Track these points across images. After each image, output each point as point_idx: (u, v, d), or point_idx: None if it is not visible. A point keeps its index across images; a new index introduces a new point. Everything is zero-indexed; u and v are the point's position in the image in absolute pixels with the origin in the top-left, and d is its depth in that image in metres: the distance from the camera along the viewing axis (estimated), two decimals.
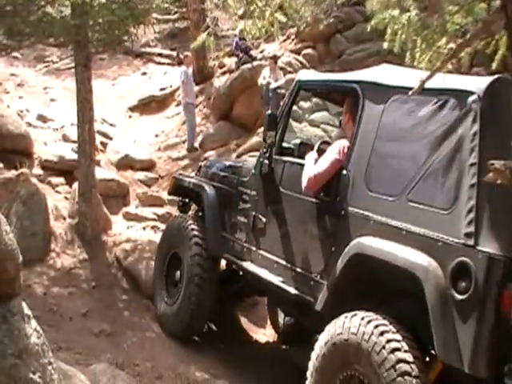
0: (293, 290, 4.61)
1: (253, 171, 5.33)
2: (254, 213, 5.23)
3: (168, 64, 17.62)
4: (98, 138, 10.16)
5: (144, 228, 8.46)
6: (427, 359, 3.67)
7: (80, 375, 4.17)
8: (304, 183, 4.54)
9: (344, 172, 4.34)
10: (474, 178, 3.50)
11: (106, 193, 8.87)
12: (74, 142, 10.64)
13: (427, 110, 3.94)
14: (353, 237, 4.10)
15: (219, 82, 14.36)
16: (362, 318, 3.72)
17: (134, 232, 7.97)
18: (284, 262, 4.81)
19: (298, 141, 5.36)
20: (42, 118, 12.32)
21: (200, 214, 6.27)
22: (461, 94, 3.79)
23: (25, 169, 8.08)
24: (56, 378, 3.39)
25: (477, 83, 3.81)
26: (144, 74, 17.06)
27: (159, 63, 17.83)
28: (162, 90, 15.30)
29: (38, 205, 7.06)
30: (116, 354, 5.35)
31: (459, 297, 3.43)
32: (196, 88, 13.44)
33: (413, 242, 3.72)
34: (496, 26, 6.79)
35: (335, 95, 5.36)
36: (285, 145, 5.24)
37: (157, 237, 7.85)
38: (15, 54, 17.02)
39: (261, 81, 12.28)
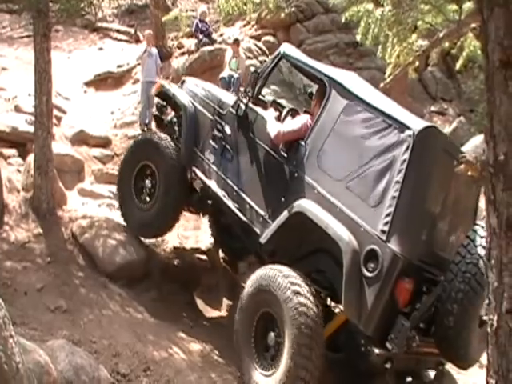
0: (244, 218, 5.70)
1: (230, 109, 6.10)
2: (224, 143, 6.11)
3: (125, 41, 17.33)
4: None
5: (99, 205, 8.33)
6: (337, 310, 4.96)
7: (39, 350, 4.10)
8: (273, 135, 5.46)
9: (302, 143, 5.31)
10: (396, 192, 4.59)
11: (61, 168, 8.62)
12: (26, 113, 10.36)
13: (376, 126, 4.89)
14: (299, 196, 5.14)
15: (178, 62, 14.23)
16: (280, 271, 4.89)
17: (89, 208, 7.83)
18: (242, 194, 5.79)
19: (271, 98, 6.51)
20: None
21: (175, 122, 6.93)
22: (403, 126, 4.75)
23: None
24: (17, 351, 3.34)
25: (415, 123, 4.78)
26: (100, 49, 16.72)
27: (116, 39, 17.51)
28: (119, 66, 15.02)
29: None
30: (72, 331, 5.27)
31: (367, 274, 4.58)
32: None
33: (343, 219, 4.80)
34: (467, 27, 6.99)
35: (308, 76, 6.14)
36: (261, 97, 6.14)
37: (113, 215, 7.78)
38: None
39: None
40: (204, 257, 7.83)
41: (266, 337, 5.04)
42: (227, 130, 6.11)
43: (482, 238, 4.58)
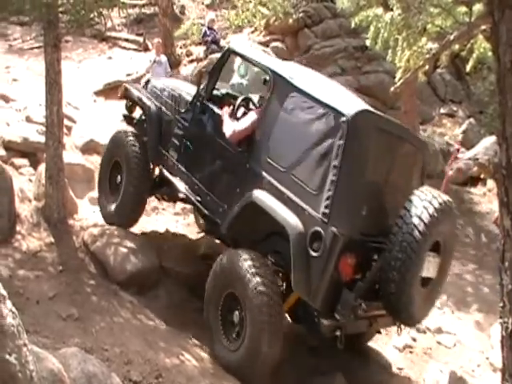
0: (205, 210, 6.14)
1: (188, 107, 6.53)
2: (184, 140, 6.51)
3: (134, 49, 17.40)
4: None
5: None
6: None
7: (52, 358, 4.10)
8: (228, 134, 5.87)
9: (253, 137, 5.69)
10: (335, 177, 4.97)
11: (72, 177, 8.71)
12: (37, 123, 10.43)
13: (315, 114, 5.24)
14: (252, 187, 5.54)
15: (186, 70, 14.29)
16: (240, 255, 5.36)
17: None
18: (202, 187, 6.20)
19: (224, 91, 6.84)
20: (4, 98, 11.94)
21: (144, 120, 7.30)
22: (337, 113, 5.08)
23: None
24: (31, 359, 3.34)
25: (349, 109, 5.09)
26: (110, 58, 16.79)
27: (125, 48, 17.58)
28: (128, 75, 15.09)
29: (4, 185, 6.88)
30: (84, 339, 5.26)
31: (312, 253, 4.99)
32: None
33: (290, 205, 5.21)
34: (478, 29, 6.96)
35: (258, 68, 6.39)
36: (215, 92, 6.56)
37: None
38: None
39: None
40: None
41: (232, 315, 5.53)
42: (186, 126, 6.52)
43: (416, 207, 5.04)
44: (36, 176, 8.18)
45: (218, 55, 13.48)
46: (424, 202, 5.08)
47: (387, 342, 7.66)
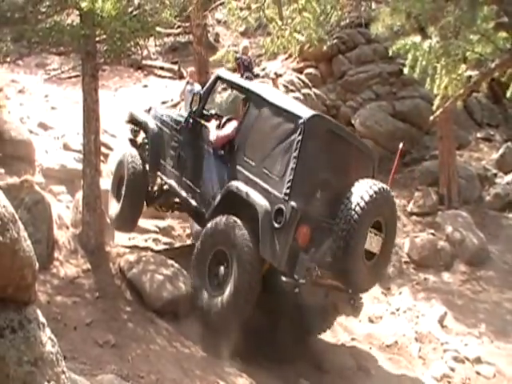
0: (194, 203, 7.40)
1: (183, 124, 7.81)
2: (179, 150, 7.80)
3: (169, 77, 17.65)
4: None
5: (146, 240, 8.41)
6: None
7: None
8: (213, 139, 7.24)
9: (233, 142, 7.03)
10: (294, 165, 6.31)
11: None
12: (75, 151, 10.64)
13: (281, 120, 6.68)
14: (231, 179, 6.85)
15: (221, 97, 14.37)
16: (226, 218, 6.58)
17: (136, 243, 7.91)
18: (193, 185, 7.48)
19: (213, 111, 8.02)
20: (43, 126, 12.23)
21: (146, 143, 8.46)
22: (297, 117, 6.52)
23: (28, 175, 8.03)
24: None
25: (306, 113, 6.55)
26: (145, 86, 17.07)
27: (160, 76, 17.85)
28: (163, 103, 15.29)
29: (43, 213, 6.97)
30: (121, 366, 5.27)
31: (276, 225, 6.23)
32: None
33: (260, 190, 6.51)
34: None
35: (238, 90, 8.02)
36: (205, 112, 7.82)
37: (159, 249, 7.84)
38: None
39: None
40: None
41: (218, 268, 6.68)
42: (181, 139, 7.83)
43: (359, 190, 6.36)
44: (73, 203, 8.32)
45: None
46: (365, 187, 6.43)
47: (424, 373, 7.50)
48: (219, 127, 7.39)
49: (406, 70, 7.76)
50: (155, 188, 8.46)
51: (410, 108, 14.55)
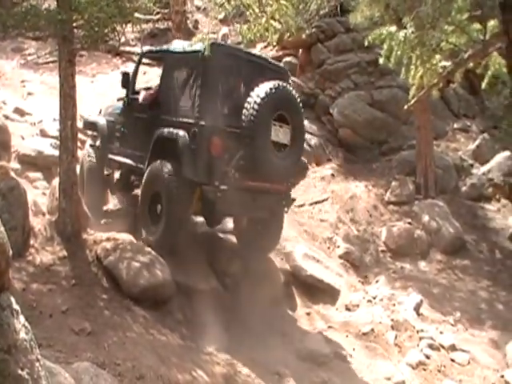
0: (135, 164, 8.27)
1: (121, 105, 8.95)
2: (122, 128, 8.80)
3: (148, 64, 17.46)
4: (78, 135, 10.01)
5: None
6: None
7: (64, 373, 4.10)
8: (141, 99, 8.25)
9: (157, 100, 8.03)
10: (199, 92, 7.31)
11: None
12: (52, 137, 10.51)
13: (186, 61, 7.70)
14: (159, 129, 7.67)
15: None
16: (160, 162, 7.49)
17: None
18: (131, 150, 8.46)
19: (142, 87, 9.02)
20: (19, 112, 12.06)
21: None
22: (195, 52, 7.43)
23: (4, 162, 7.94)
24: (43, 374, 3.32)
25: (202, 46, 7.22)
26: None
27: None
28: (146, 88, 15.12)
29: (18, 199, 6.87)
30: (97, 353, 5.25)
31: (193, 146, 7.19)
32: None
33: (179, 126, 7.42)
34: (493, 48, 6.91)
35: (158, 60, 9.47)
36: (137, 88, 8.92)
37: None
38: None
39: None
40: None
41: (156, 207, 7.60)
42: (122, 119, 8.83)
43: (257, 91, 7.26)
44: (50, 190, 8.23)
45: None
46: (261, 87, 7.29)
47: (400, 360, 7.59)
48: (146, 91, 8.50)
49: (381, 60, 7.80)
50: (115, 176, 9.26)
51: (388, 97, 14.60)
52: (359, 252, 10.30)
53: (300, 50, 15.94)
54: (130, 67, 17.15)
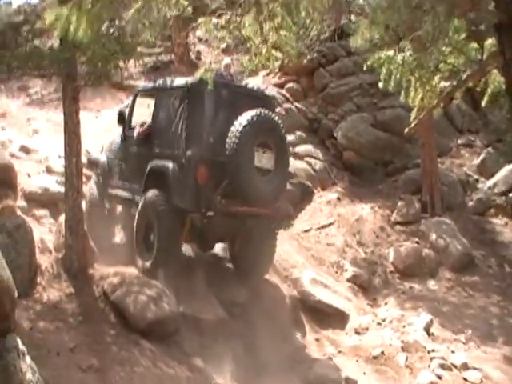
0: (131, 197, 8.57)
1: (119, 141, 9.31)
2: (120, 162, 9.18)
3: (152, 97, 17.64)
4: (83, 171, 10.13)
5: None
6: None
7: None
8: (136, 134, 8.58)
9: (150, 135, 8.37)
10: (186, 124, 7.71)
11: None
12: (57, 173, 10.58)
13: (173, 96, 8.10)
14: (152, 161, 8.05)
15: None
16: (153, 193, 7.83)
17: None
18: (127, 183, 8.82)
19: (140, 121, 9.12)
20: (25, 149, 12.13)
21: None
22: (181, 87, 8.01)
23: (10, 201, 8.03)
24: None
25: (187, 81, 7.96)
26: (127, 106, 17.01)
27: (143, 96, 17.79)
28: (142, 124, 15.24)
29: (24, 237, 6.97)
30: None
31: (181, 176, 7.56)
32: None
33: (170, 157, 7.81)
34: (491, 67, 6.92)
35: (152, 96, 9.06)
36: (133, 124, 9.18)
37: None
38: None
39: None
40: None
41: (149, 236, 7.84)
42: (120, 154, 9.19)
43: (238, 120, 7.58)
44: (56, 227, 8.29)
45: None
46: (244, 116, 7.59)
47: (412, 382, 7.53)
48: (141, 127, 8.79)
49: (380, 84, 7.84)
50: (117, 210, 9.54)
51: (391, 117, 14.60)
52: (367, 274, 10.27)
53: (302, 76, 16.01)
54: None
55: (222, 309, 7.67)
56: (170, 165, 7.74)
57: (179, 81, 8.25)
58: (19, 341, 3.18)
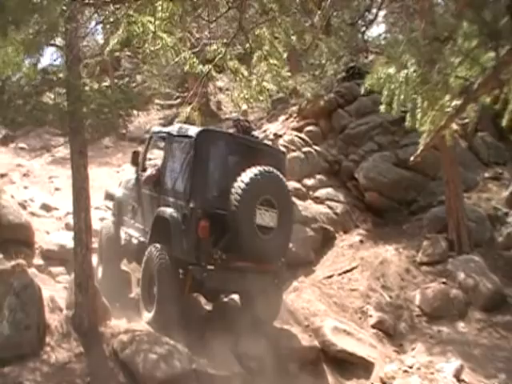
0: (142, 239, 8.65)
1: (133, 181, 9.51)
2: (133, 202, 9.33)
3: (164, 141, 17.77)
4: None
5: None
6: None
7: None
8: (144, 179, 8.81)
9: (159, 178, 8.43)
10: (190, 175, 7.73)
11: None
12: None
13: (181, 145, 8.09)
14: (159, 208, 8.15)
15: None
16: (154, 247, 7.88)
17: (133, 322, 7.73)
18: (141, 225, 8.93)
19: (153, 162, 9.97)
20: (46, 207, 12.36)
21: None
22: (189, 137, 7.94)
23: (21, 260, 7.96)
24: None
25: (195, 131, 7.92)
26: (149, 159, 17.16)
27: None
28: None
29: (32, 297, 6.86)
30: None
31: (183, 227, 7.60)
32: None
33: (173, 206, 7.89)
34: (505, 73, 6.07)
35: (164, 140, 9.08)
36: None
37: None
38: (21, 144, 17.41)
39: None
40: None
41: (152, 290, 7.79)
42: (133, 194, 9.35)
43: (243, 176, 7.54)
44: (69, 284, 8.18)
45: None
46: (248, 172, 7.59)
47: None
48: (153, 167, 9.02)
49: (382, 108, 6.90)
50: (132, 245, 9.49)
51: (413, 154, 14.32)
52: (392, 320, 9.86)
53: (321, 118, 15.90)
54: (155, 154, 17.51)
55: (237, 363, 7.40)
56: (174, 215, 7.76)
57: (189, 130, 8.19)
58: None
